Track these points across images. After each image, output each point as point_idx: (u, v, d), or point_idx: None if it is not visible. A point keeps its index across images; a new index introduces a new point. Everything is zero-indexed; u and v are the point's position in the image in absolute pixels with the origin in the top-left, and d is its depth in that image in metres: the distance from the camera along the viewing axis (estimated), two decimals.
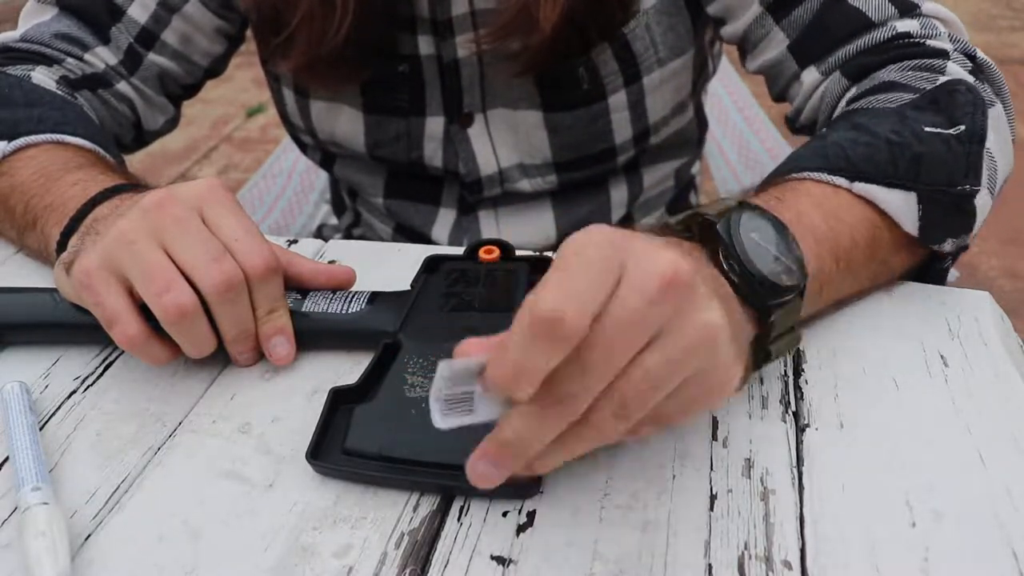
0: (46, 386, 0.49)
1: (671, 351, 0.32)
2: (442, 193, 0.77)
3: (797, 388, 0.47)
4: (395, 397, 0.44)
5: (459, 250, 0.55)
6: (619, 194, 0.78)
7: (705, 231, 0.40)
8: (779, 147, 1.27)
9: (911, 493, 0.40)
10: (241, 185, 1.24)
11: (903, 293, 0.54)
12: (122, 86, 0.71)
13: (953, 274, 0.61)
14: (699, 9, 0.69)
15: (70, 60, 0.69)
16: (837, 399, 0.46)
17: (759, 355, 0.41)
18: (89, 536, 0.40)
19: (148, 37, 0.71)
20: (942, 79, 0.52)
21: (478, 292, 0.51)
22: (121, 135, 0.74)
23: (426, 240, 0.78)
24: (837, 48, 0.58)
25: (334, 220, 0.95)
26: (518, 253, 0.54)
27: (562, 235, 0.69)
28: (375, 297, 0.51)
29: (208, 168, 2.41)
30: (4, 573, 0.38)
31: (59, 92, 0.65)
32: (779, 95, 0.66)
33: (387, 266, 0.58)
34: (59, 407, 0.47)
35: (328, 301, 0.51)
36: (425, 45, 0.69)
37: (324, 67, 0.66)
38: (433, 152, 0.72)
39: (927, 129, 0.48)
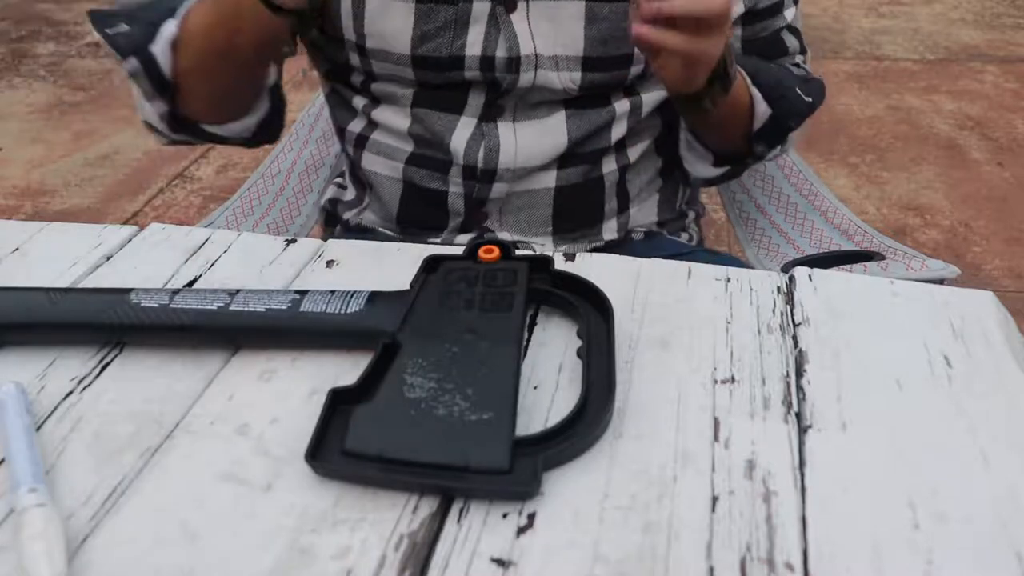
0: (42, 387, 0.49)
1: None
2: (467, 101, 0.82)
3: (799, 389, 0.47)
4: (395, 397, 0.44)
5: (459, 249, 0.55)
6: (622, 107, 0.83)
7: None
8: None
9: (914, 495, 0.40)
10: (239, 184, 1.24)
11: (906, 294, 0.54)
12: None
13: (954, 271, 0.85)
14: None
15: None
16: (840, 400, 0.46)
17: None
18: (86, 538, 0.39)
19: None
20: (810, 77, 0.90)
21: (478, 292, 0.51)
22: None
23: (443, 148, 0.81)
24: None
25: (346, 196, 0.95)
26: (517, 253, 0.54)
27: (572, 145, 0.81)
28: (374, 297, 0.51)
29: (207, 167, 2.40)
30: None
31: None
32: None
33: (387, 266, 0.58)
34: (55, 408, 0.47)
35: (327, 301, 0.50)
36: None
37: None
38: (475, 38, 0.77)
39: (797, 89, 0.84)
